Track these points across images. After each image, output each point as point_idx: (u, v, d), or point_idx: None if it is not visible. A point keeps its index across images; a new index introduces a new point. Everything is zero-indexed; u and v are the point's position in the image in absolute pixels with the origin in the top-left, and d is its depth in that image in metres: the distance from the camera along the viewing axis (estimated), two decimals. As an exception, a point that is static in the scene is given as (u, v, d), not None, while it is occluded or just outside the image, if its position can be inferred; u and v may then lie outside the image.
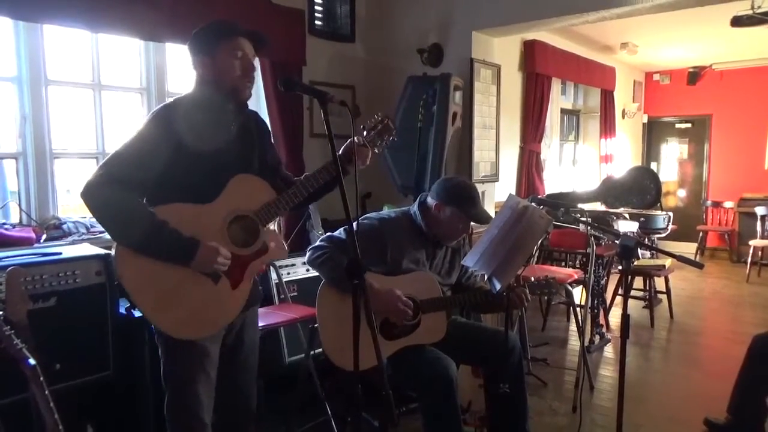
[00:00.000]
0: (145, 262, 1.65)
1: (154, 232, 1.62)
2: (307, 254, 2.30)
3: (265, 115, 3.70)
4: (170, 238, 1.64)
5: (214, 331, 1.78)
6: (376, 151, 1.94)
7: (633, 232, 4.52)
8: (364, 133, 1.92)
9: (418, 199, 2.45)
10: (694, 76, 7.96)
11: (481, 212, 2.39)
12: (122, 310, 2.49)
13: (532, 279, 2.46)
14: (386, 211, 2.49)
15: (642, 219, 5.10)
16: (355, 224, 1.56)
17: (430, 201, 2.38)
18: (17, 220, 2.90)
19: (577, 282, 3.82)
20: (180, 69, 3.49)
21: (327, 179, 1.84)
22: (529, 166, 5.58)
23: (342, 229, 2.33)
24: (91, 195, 1.61)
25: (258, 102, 3.69)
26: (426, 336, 2.29)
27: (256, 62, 1.85)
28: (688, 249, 7.61)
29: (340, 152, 1.83)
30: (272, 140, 2.06)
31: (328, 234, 2.35)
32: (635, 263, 4.81)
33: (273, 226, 1.88)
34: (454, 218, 2.34)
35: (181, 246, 1.65)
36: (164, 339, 1.75)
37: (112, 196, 1.60)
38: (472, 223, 2.48)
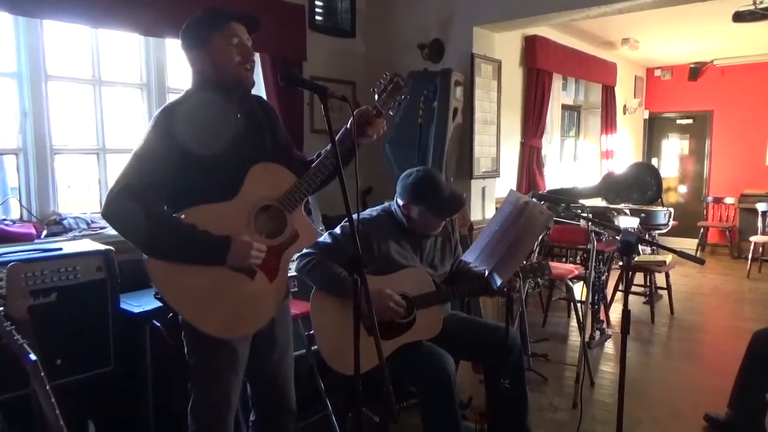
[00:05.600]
0: (180, 269, 1.63)
1: (184, 238, 1.60)
2: (295, 263, 2.28)
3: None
4: (202, 240, 1.62)
5: (258, 327, 1.75)
6: (391, 113, 1.88)
7: (634, 228, 4.52)
8: (376, 97, 1.84)
9: (396, 195, 2.43)
10: (696, 71, 7.94)
11: (447, 204, 2.32)
12: (123, 306, 2.49)
13: (524, 262, 2.45)
14: (367, 211, 2.48)
15: (643, 215, 5.10)
16: (350, 222, 1.54)
17: (399, 201, 2.38)
18: (18, 216, 2.90)
19: (578, 278, 3.82)
20: (180, 64, 3.48)
21: (344, 153, 1.77)
22: (530, 161, 5.57)
23: (327, 233, 2.33)
24: (114, 214, 1.59)
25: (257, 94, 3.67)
26: (423, 332, 2.29)
27: (256, 56, 1.81)
28: (689, 245, 7.60)
29: (348, 125, 1.78)
30: (280, 121, 1.99)
31: (315, 241, 2.33)
32: (636, 259, 4.81)
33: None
34: (423, 215, 2.33)
35: (213, 246, 1.62)
36: (195, 338, 1.71)
37: (135, 212, 1.57)
38: (471, 220, 2.47)
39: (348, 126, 1.79)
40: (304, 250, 2.27)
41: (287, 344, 1.93)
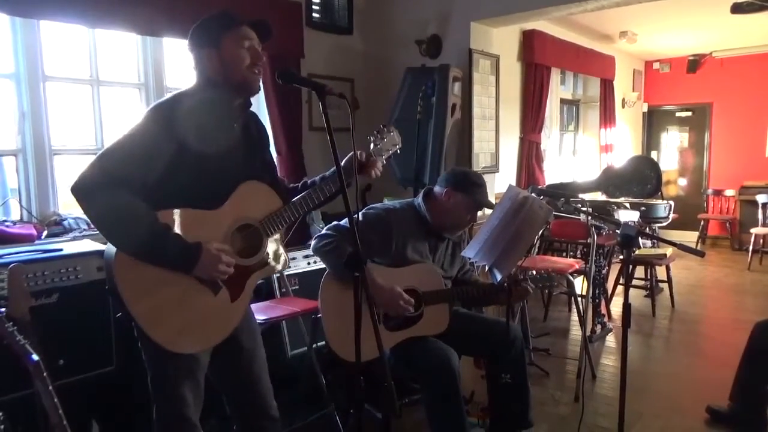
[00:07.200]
0: (145, 270, 1.55)
1: (155, 238, 1.52)
2: (313, 242, 2.29)
3: (263, 109, 3.70)
4: (173, 244, 1.55)
5: (209, 346, 1.70)
6: (384, 161, 1.95)
7: (634, 222, 4.51)
8: (372, 146, 1.90)
9: (423, 191, 2.45)
10: (694, 64, 7.92)
11: (486, 200, 2.42)
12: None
13: (533, 272, 2.47)
14: (392, 202, 2.49)
15: (643, 208, 5.10)
16: (359, 215, 1.55)
17: (438, 189, 2.39)
18: (18, 217, 2.91)
19: (578, 272, 3.82)
20: (178, 63, 3.49)
21: (332, 191, 1.81)
22: (529, 156, 5.57)
23: (347, 218, 2.32)
24: (87, 194, 1.48)
25: (257, 95, 3.67)
26: (428, 328, 2.30)
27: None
28: (689, 238, 7.60)
29: (343, 163, 1.80)
30: (269, 144, 2.01)
31: (335, 223, 2.32)
32: (636, 252, 4.81)
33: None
34: (462, 205, 2.35)
35: (184, 252, 1.56)
36: (152, 348, 1.64)
37: (111, 198, 1.48)
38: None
39: (343, 164, 1.81)
40: (323, 231, 2.28)
41: (255, 348, 1.87)
